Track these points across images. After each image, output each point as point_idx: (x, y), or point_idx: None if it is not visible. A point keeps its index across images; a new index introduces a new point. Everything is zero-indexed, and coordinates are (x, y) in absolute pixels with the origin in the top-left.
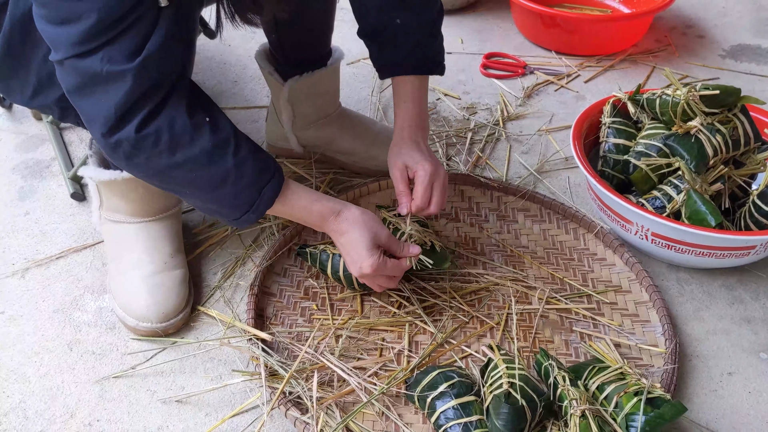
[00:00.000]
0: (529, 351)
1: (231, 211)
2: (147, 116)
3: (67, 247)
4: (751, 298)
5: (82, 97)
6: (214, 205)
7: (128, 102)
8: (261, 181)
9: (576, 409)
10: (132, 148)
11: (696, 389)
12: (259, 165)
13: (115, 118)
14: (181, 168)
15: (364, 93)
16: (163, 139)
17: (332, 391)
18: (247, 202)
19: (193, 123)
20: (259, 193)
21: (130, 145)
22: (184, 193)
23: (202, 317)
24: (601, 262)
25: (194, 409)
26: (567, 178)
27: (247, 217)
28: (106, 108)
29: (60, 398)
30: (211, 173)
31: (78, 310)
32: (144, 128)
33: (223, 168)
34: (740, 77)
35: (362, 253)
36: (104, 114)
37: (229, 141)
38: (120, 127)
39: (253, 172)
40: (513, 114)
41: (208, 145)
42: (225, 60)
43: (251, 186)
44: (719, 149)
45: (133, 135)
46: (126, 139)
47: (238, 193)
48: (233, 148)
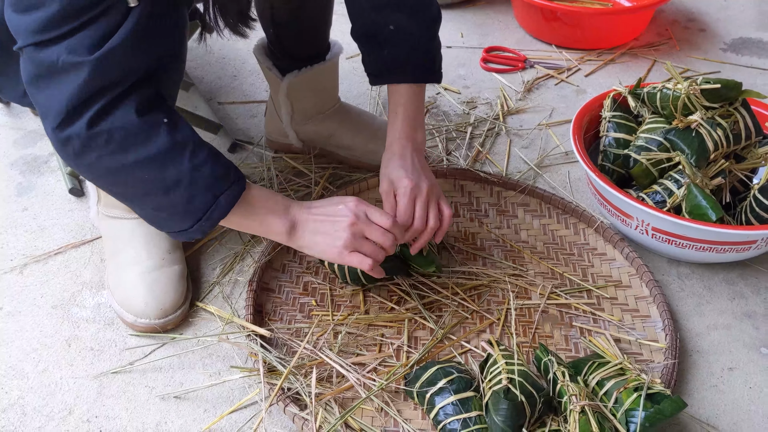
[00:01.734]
0: (528, 346)
1: (183, 218)
2: (99, 112)
3: (66, 243)
4: (751, 292)
5: (37, 89)
6: (164, 212)
7: (81, 96)
8: (218, 187)
9: (576, 405)
10: (82, 145)
11: (696, 385)
12: (219, 171)
13: (66, 111)
14: (134, 169)
15: (364, 87)
16: (116, 137)
17: (331, 387)
18: (200, 209)
19: (149, 122)
20: (214, 200)
21: (80, 142)
22: (133, 198)
23: (201, 313)
24: (601, 257)
25: (192, 405)
26: (567, 173)
27: (199, 226)
28: (57, 101)
29: (58, 394)
30: (165, 175)
31: (76, 306)
32: (96, 125)
33: (178, 170)
34: (742, 71)
35: (339, 200)
36: (56, 107)
37: (187, 144)
38: (71, 122)
39: (210, 177)
40: (513, 108)
41: (163, 146)
42: (224, 54)
43: (207, 191)
44: (720, 143)
45: (84, 131)
46: (77, 135)
47: (191, 198)
48: (190, 151)
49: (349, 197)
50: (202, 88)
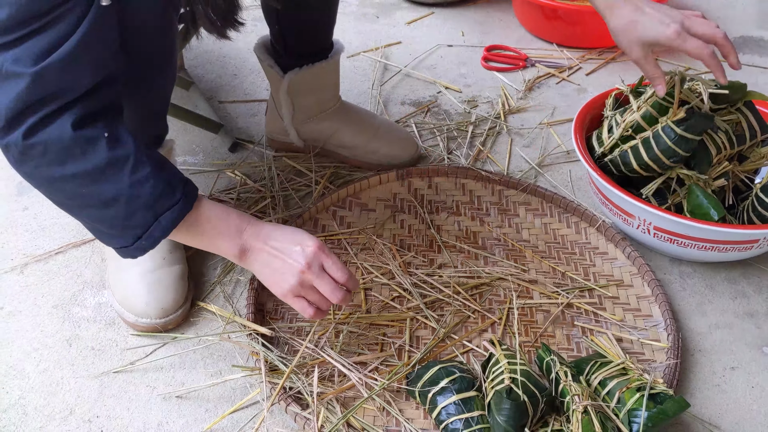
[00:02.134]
0: (530, 346)
1: (121, 235)
2: (36, 124)
3: (66, 242)
4: (754, 291)
5: None
6: (103, 226)
7: (19, 106)
8: (159, 206)
9: (578, 405)
10: (20, 153)
11: (699, 384)
12: (161, 188)
13: (5, 119)
14: (71, 182)
15: (365, 86)
16: (51, 149)
17: (333, 386)
18: (140, 226)
19: (85, 136)
20: (155, 219)
21: (18, 151)
22: (72, 210)
23: (202, 312)
24: (603, 256)
25: (194, 405)
26: (568, 172)
27: (139, 245)
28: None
29: (59, 394)
30: (102, 190)
31: (77, 306)
32: (31, 136)
33: (116, 186)
34: (743, 70)
35: (300, 238)
36: None
37: (128, 159)
38: (9, 130)
39: (150, 195)
40: (514, 107)
41: (100, 162)
42: (224, 53)
43: (147, 209)
44: (723, 146)
45: (20, 141)
46: (14, 143)
47: (130, 215)
48: (131, 167)
49: (310, 239)
50: (202, 86)
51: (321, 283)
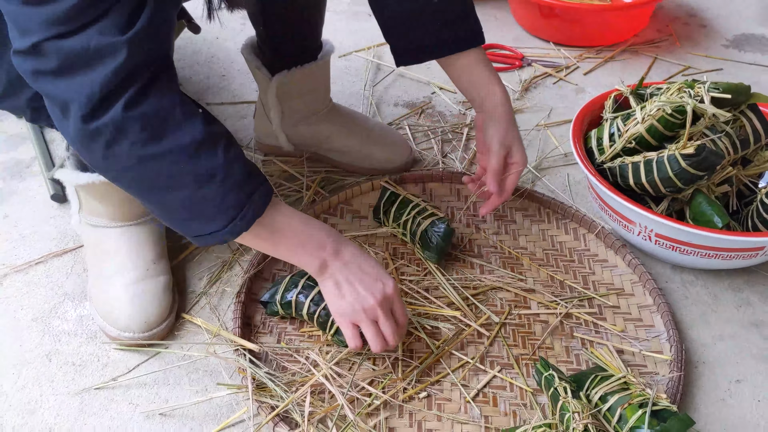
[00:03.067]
0: (528, 358)
1: (214, 217)
2: (137, 93)
3: (48, 252)
4: (759, 300)
5: (57, 80)
6: (194, 210)
7: (117, 78)
8: (250, 186)
9: (578, 423)
10: (116, 131)
11: (703, 398)
12: (250, 167)
13: (99, 96)
14: (166, 158)
15: (356, 88)
16: (153, 121)
17: (323, 404)
18: (233, 206)
19: (186, 109)
20: (248, 198)
21: (114, 129)
22: (160, 194)
23: (187, 325)
24: (603, 264)
25: (178, 423)
26: (566, 176)
27: (232, 227)
28: (88, 87)
29: (38, 412)
30: (199, 167)
31: (58, 319)
32: (134, 107)
33: (212, 163)
34: (744, 68)
35: (383, 276)
36: (86, 93)
37: (222, 136)
38: (105, 108)
39: (243, 174)
40: None
41: (199, 135)
42: (213, 53)
43: (240, 188)
44: (727, 151)
45: (120, 115)
46: (111, 120)
47: (224, 194)
48: (224, 144)
49: (390, 279)
50: (190, 88)
51: (386, 323)
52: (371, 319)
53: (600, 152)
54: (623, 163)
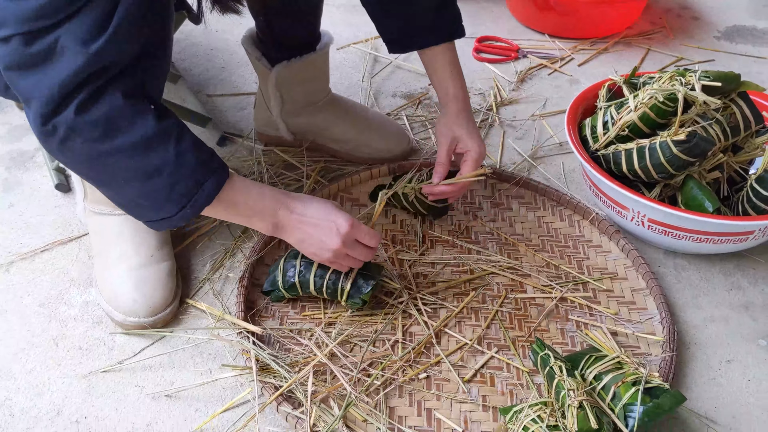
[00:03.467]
0: (524, 340)
1: (165, 205)
2: (89, 97)
3: (53, 240)
4: (749, 283)
5: (21, 75)
6: (147, 199)
7: (74, 81)
8: (201, 174)
9: (573, 400)
10: (69, 131)
11: (694, 377)
12: (202, 158)
13: (58, 96)
14: (117, 155)
15: (355, 78)
16: (102, 122)
17: (325, 384)
18: (184, 195)
19: (136, 107)
20: (198, 187)
21: (67, 128)
22: (114, 185)
23: (191, 310)
24: (597, 249)
25: (184, 405)
26: (561, 164)
27: (183, 214)
28: (47, 87)
29: (46, 395)
30: (149, 161)
31: (64, 305)
32: (84, 110)
33: (162, 157)
34: (736, 59)
35: (333, 218)
36: (46, 93)
37: (172, 130)
38: (60, 108)
39: (194, 164)
40: (506, 99)
41: (149, 132)
42: (212, 46)
43: (190, 177)
44: (717, 139)
45: (71, 117)
46: (64, 120)
47: (174, 185)
48: (175, 138)
49: (342, 218)
50: (190, 80)
51: (355, 253)
52: (342, 255)
53: (594, 140)
54: (617, 150)
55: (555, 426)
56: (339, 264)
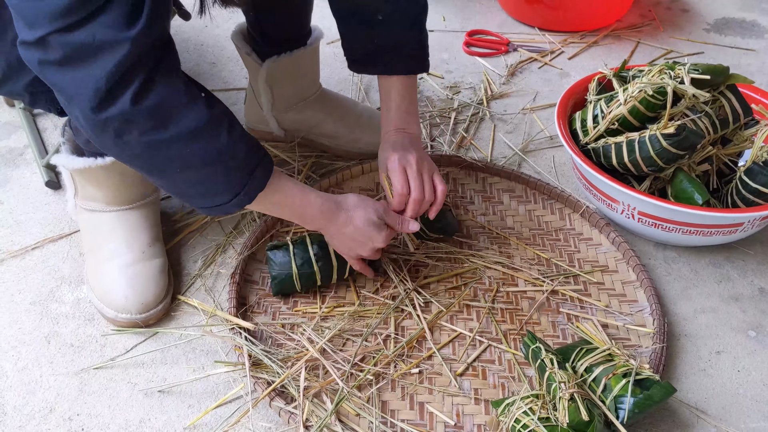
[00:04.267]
0: (516, 333)
1: (221, 192)
2: (144, 84)
3: (43, 237)
4: (738, 275)
5: (62, 71)
6: (202, 187)
7: (122, 69)
8: (252, 162)
9: (564, 393)
10: (125, 122)
11: (685, 369)
12: (252, 145)
13: (106, 89)
14: (174, 144)
15: (345, 73)
16: (159, 111)
17: (317, 380)
18: (238, 183)
19: (189, 94)
20: (250, 174)
21: (123, 120)
22: (168, 175)
23: (183, 306)
24: (588, 242)
25: (177, 401)
26: (552, 157)
27: (237, 201)
28: (94, 80)
29: (39, 393)
30: (205, 149)
31: (55, 302)
32: (141, 99)
33: (217, 144)
34: (725, 51)
35: (372, 232)
36: (93, 86)
37: (224, 117)
38: (112, 100)
39: (245, 151)
40: (497, 93)
41: (203, 119)
42: (202, 41)
43: (243, 165)
44: (707, 131)
45: (128, 107)
46: (120, 112)
47: (228, 172)
48: (227, 125)
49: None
50: None
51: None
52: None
53: (584, 134)
54: (606, 143)
55: (546, 418)
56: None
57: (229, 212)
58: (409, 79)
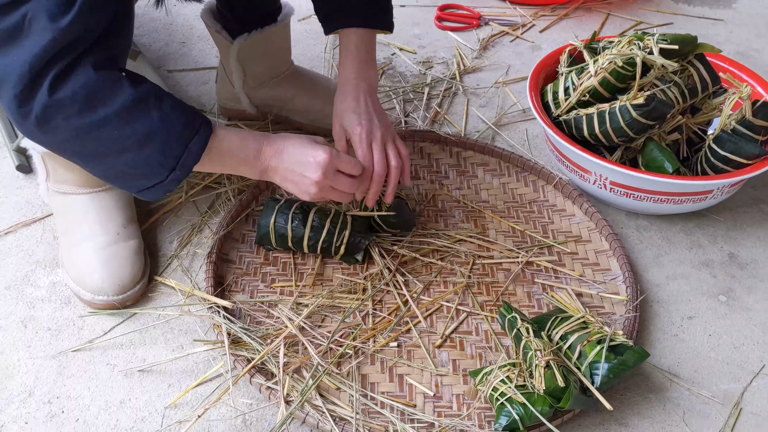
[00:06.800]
0: (492, 304)
1: (157, 171)
2: (59, 75)
3: (16, 222)
4: (709, 242)
5: None
6: (137, 168)
7: (44, 58)
8: (187, 134)
9: (540, 360)
10: (48, 108)
11: (657, 334)
12: (186, 118)
13: (30, 76)
14: (105, 126)
15: (317, 50)
16: (81, 95)
17: (297, 356)
18: (173, 157)
19: (109, 77)
20: (185, 147)
21: (45, 106)
22: (108, 157)
23: (161, 287)
24: (561, 213)
25: (156, 381)
26: (525, 130)
27: (174, 176)
28: (19, 65)
29: (17, 377)
30: (135, 129)
31: (30, 286)
32: (57, 88)
33: (147, 123)
34: (694, 21)
35: (311, 151)
36: (18, 72)
37: (150, 94)
38: (35, 87)
39: (179, 126)
40: (469, 67)
41: (128, 100)
42: (171, 20)
43: (178, 139)
44: (676, 101)
45: (46, 97)
46: (41, 99)
47: (164, 149)
48: (155, 101)
49: (320, 149)
50: (150, 55)
51: (338, 182)
52: (327, 188)
53: (556, 106)
54: (578, 115)
55: (523, 386)
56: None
57: (167, 191)
58: (368, 33)
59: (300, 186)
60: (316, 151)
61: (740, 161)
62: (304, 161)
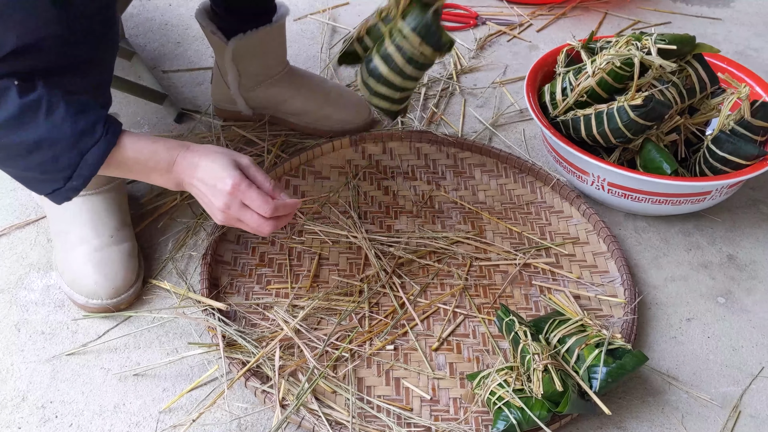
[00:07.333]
0: (489, 307)
1: (52, 179)
2: None
3: (9, 224)
4: (707, 243)
5: None
6: (33, 173)
7: None
8: (83, 145)
9: (538, 364)
10: None
11: (656, 337)
12: (80, 127)
13: None
14: None
15: (313, 50)
16: None
17: (293, 359)
18: (67, 167)
19: None
20: (80, 157)
21: None
22: (4, 163)
23: (155, 290)
24: (559, 215)
25: (151, 385)
26: (522, 131)
27: (70, 185)
28: None
29: (10, 381)
30: (23, 137)
31: (24, 290)
32: None
33: (35, 131)
34: (692, 21)
35: (219, 175)
36: None
37: (39, 103)
38: None
39: (70, 135)
40: (466, 67)
41: (14, 109)
42: (166, 20)
43: (71, 149)
44: (674, 101)
45: None
46: None
47: (56, 158)
48: (45, 110)
49: (230, 175)
50: (145, 56)
51: (245, 219)
52: (234, 220)
53: (553, 106)
54: (575, 116)
55: (521, 390)
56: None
57: (68, 198)
58: None
59: (209, 208)
60: (225, 177)
61: (739, 162)
62: (210, 184)
